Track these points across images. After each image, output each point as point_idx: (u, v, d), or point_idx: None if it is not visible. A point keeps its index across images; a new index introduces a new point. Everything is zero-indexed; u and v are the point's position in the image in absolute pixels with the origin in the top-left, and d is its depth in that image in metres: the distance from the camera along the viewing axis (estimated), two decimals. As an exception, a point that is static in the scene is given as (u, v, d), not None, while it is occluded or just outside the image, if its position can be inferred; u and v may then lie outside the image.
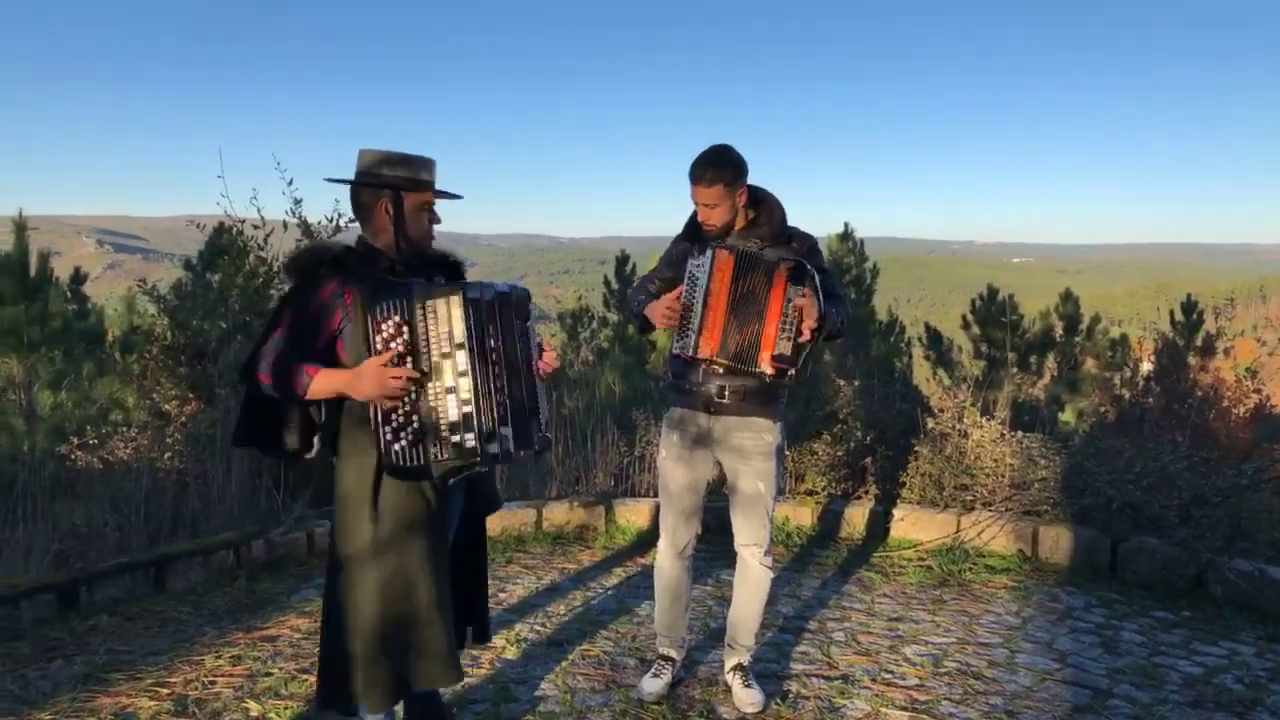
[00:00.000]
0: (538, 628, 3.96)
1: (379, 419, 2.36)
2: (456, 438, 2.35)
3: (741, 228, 3.05)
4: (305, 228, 6.21)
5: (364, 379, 2.31)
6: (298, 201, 6.25)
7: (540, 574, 4.71)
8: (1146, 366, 10.75)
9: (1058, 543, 4.80)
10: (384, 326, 2.34)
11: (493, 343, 2.40)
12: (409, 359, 2.35)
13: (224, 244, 8.26)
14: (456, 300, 2.35)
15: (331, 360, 2.42)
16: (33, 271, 8.13)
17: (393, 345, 2.34)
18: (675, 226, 3.31)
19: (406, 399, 2.35)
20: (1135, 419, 7.67)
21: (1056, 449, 5.47)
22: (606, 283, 15.22)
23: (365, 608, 2.44)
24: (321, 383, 2.35)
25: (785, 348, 2.89)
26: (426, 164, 2.52)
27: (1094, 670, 3.53)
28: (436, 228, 2.60)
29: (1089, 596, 4.35)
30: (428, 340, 2.36)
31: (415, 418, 2.37)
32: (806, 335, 2.87)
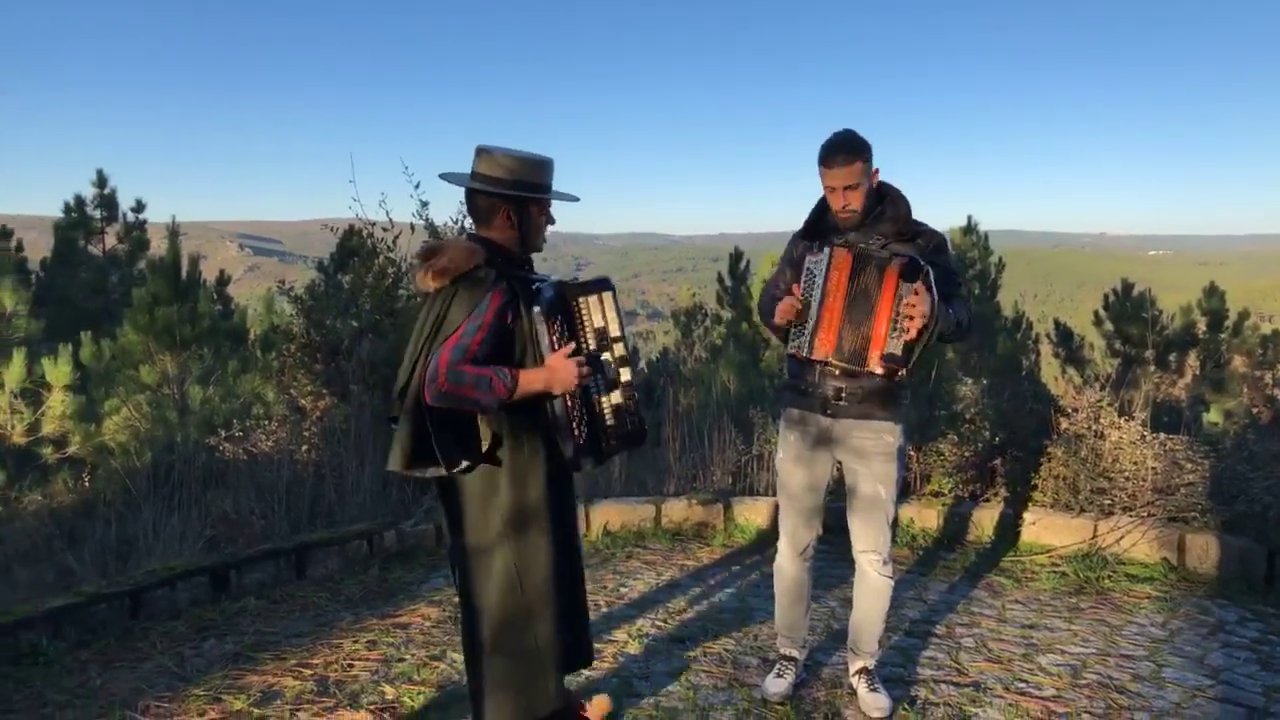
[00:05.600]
0: (659, 623, 3.98)
1: (566, 409, 2.43)
2: (627, 424, 2.54)
3: (865, 223, 2.98)
4: (432, 230, 6.41)
5: (560, 372, 2.38)
6: (424, 204, 6.47)
7: (660, 570, 4.73)
8: (1304, 364, 10.02)
9: (1207, 552, 4.52)
10: (555, 324, 2.42)
11: (627, 334, 2.55)
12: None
13: (354, 246, 8.65)
14: (609, 297, 2.51)
15: (505, 364, 2.40)
16: (184, 274, 8.69)
17: (563, 340, 2.43)
18: (789, 223, 3.26)
19: (578, 395, 2.45)
20: (1292, 421, 7.14)
21: (1204, 452, 5.15)
22: (720, 280, 15.19)
23: (546, 597, 2.53)
24: (526, 383, 2.35)
25: (895, 347, 2.82)
26: (546, 167, 2.54)
27: (1249, 688, 3.31)
28: (552, 228, 2.66)
29: (1243, 610, 4.08)
30: (584, 334, 2.49)
31: (585, 409, 2.47)
32: (912, 334, 2.79)
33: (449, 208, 6.46)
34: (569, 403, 2.44)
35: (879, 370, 2.86)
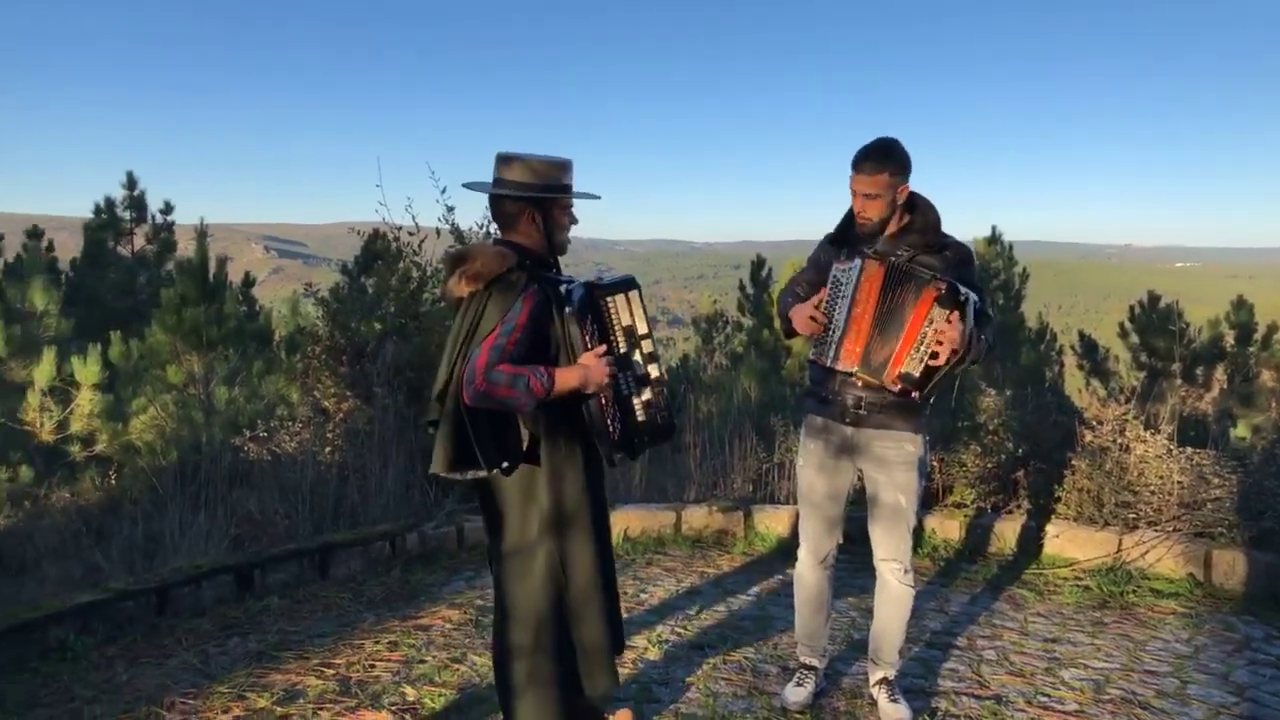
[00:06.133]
0: (679, 630, 3.99)
1: (600, 406, 2.48)
2: (657, 419, 2.61)
3: (894, 233, 2.97)
4: (458, 235, 6.45)
5: (594, 371, 2.42)
6: (450, 209, 6.50)
7: (680, 577, 4.74)
8: (1334, 380, 9.87)
9: (1234, 567, 4.47)
10: (586, 324, 2.47)
11: (653, 330, 2.59)
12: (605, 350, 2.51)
13: (378, 249, 8.72)
14: (635, 295, 2.56)
15: (540, 365, 2.42)
16: (211, 276, 8.79)
17: (595, 339, 2.48)
18: (812, 230, 3.27)
19: (609, 392, 2.50)
20: (1322, 437, 7.05)
21: (1231, 467, 5.09)
22: (741, 287, 15.18)
23: (591, 597, 2.57)
24: (561, 381, 2.38)
25: (914, 368, 2.82)
26: (566, 167, 2.59)
27: (1274, 705, 3.27)
28: (574, 231, 2.70)
29: (1269, 626, 4.03)
30: (614, 332, 2.54)
31: (616, 406, 2.52)
32: (941, 361, 2.78)
33: (474, 212, 6.51)
34: (603, 401, 2.48)
35: (893, 388, 2.86)
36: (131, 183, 14.18)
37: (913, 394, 2.85)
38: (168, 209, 14.41)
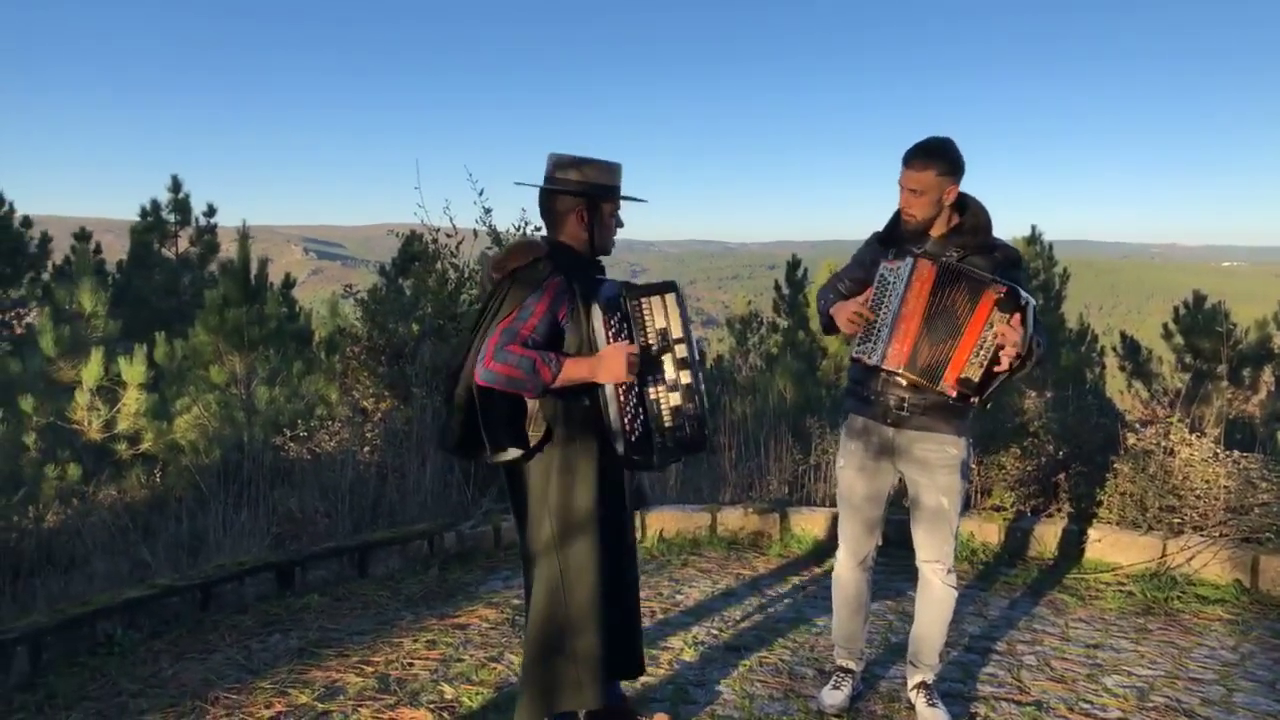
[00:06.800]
0: (714, 631, 3.98)
1: (619, 404, 2.47)
2: (686, 428, 2.55)
3: (943, 234, 2.94)
4: (495, 236, 6.51)
5: (609, 361, 2.42)
6: (488, 211, 6.56)
7: (716, 578, 4.73)
8: (1388, 382, 9.60)
9: (1282, 574, 4.38)
10: (611, 320, 2.48)
11: (693, 337, 2.57)
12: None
13: (416, 251, 8.80)
14: (672, 298, 2.54)
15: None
16: (253, 278, 8.93)
17: (621, 336, 2.48)
18: (848, 231, 3.26)
19: (632, 391, 2.49)
20: (1375, 441, 6.87)
21: (1280, 471, 4.99)
22: (777, 288, 15.10)
23: (589, 608, 2.55)
24: (571, 369, 2.41)
25: (974, 372, 2.77)
26: (616, 169, 2.62)
27: (1327, 717, 3.20)
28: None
29: (1320, 635, 3.95)
30: (646, 334, 2.52)
31: (641, 409, 2.51)
32: (1004, 365, 2.75)
33: (511, 214, 6.56)
34: (621, 397, 2.47)
35: (951, 392, 2.82)
36: (176, 186, 14.41)
37: (971, 399, 2.82)
38: (211, 211, 14.62)
